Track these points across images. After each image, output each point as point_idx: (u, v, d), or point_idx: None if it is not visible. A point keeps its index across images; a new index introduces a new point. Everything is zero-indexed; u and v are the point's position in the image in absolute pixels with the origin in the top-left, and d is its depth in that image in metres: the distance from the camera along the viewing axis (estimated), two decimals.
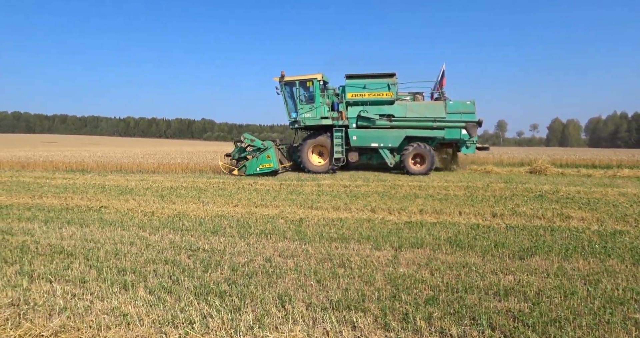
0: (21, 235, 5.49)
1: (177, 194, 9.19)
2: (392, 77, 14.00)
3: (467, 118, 13.57)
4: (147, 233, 5.61)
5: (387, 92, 13.92)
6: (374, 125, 14.06)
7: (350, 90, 14.22)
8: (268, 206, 7.68)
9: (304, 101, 14.42)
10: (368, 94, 14.02)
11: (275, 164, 13.28)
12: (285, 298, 3.38)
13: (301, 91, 14.43)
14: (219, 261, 4.34)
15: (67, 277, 3.85)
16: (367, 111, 14.08)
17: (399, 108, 14.03)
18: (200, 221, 6.36)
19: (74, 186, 10.88)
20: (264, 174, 13.32)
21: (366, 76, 14.20)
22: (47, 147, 46.55)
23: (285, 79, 14.48)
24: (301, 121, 14.41)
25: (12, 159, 17.41)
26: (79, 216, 6.75)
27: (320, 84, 14.28)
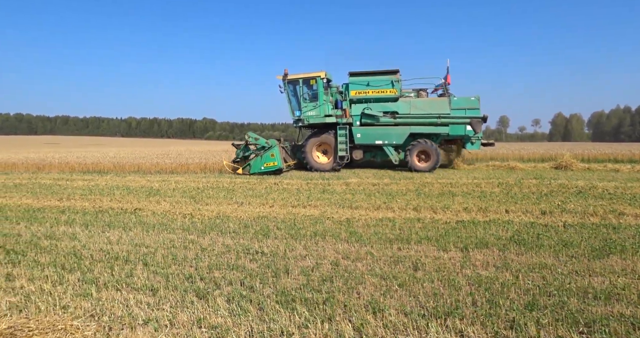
0: (67, 239, 5.30)
1: (207, 195, 9.00)
2: (396, 74, 13.90)
3: (472, 114, 13.45)
4: (196, 236, 5.42)
5: (391, 89, 13.81)
6: (378, 122, 13.93)
7: (354, 87, 14.10)
8: (306, 207, 7.48)
9: (307, 99, 14.29)
10: (372, 92, 13.91)
11: (280, 163, 13.16)
12: (376, 305, 3.18)
13: (304, 89, 14.29)
14: (286, 266, 4.15)
15: (134, 285, 3.66)
16: (371, 108, 13.96)
17: (403, 105, 13.91)
18: (245, 223, 6.17)
19: (98, 187, 10.70)
20: (268, 173, 13.24)
21: (370, 73, 14.09)
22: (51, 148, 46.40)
23: (289, 78, 14.34)
24: (305, 119, 14.28)
25: (27, 161, 17.22)
26: (116, 219, 6.56)
27: (324, 82, 14.14)
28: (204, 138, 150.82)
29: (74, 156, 20.38)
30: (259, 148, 13.61)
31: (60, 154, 22.78)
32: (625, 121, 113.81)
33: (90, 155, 20.73)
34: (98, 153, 23.54)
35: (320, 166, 14.33)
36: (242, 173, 13.50)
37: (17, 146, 57.58)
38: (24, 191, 10.25)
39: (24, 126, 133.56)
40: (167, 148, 36.53)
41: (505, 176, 11.89)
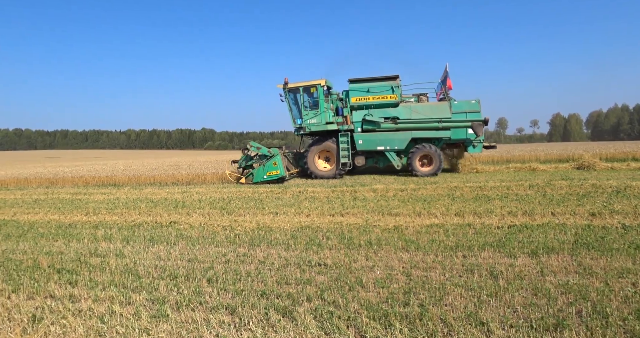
0: (114, 256, 5.11)
1: (236, 205, 8.82)
2: (396, 80, 13.97)
3: (473, 117, 13.51)
4: (246, 249, 5.23)
5: (391, 95, 13.86)
6: (379, 128, 13.99)
7: (354, 94, 14.15)
8: (344, 215, 7.30)
9: (308, 107, 14.38)
10: (372, 98, 13.97)
11: (282, 171, 13.17)
12: (475, 318, 3.00)
13: (305, 97, 14.36)
14: (358, 278, 3.96)
15: (207, 304, 3.47)
16: (372, 114, 14.00)
17: (404, 110, 13.96)
18: (291, 233, 5.99)
19: (120, 201, 10.50)
20: (271, 182, 13.23)
21: (369, 80, 14.16)
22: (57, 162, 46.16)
23: (289, 86, 14.42)
24: (306, 127, 14.33)
25: (39, 176, 17.02)
26: (155, 234, 6.37)
27: (324, 89, 14.21)
28: (204, 148, 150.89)
29: (84, 169, 20.19)
30: (261, 157, 13.64)
31: (70, 168, 22.58)
32: (623, 120, 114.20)
33: (100, 168, 20.53)
34: (107, 166, 23.34)
35: (323, 174, 14.36)
36: (245, 183, 13.47)
37: (18, 162, 57.34)
38: (46, 206, 10.05)
39: (24, 141, 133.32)
40: (172, 158, 36.37)
41: (531, 177, 11.76)
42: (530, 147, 31.69)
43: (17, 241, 6.28)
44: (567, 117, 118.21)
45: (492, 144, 15.09)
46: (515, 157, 16.89)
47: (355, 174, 15.40)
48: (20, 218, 8.52)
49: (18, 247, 5.85)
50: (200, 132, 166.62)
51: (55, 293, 3.84)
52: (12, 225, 7.67)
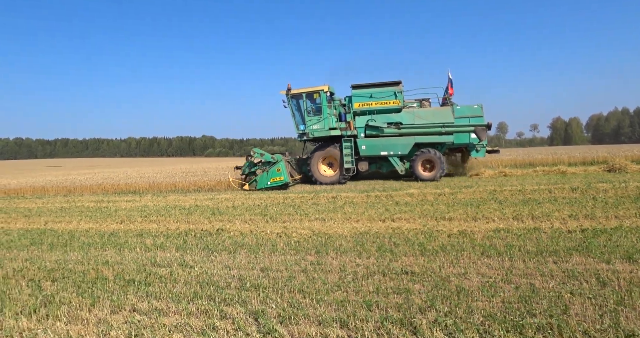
0: (179, 266, 4.85)
1: (276, 211, 8.58)
2: (398, 85, 14.02)
3: (476, 122, 13.55)
4: (316, 257, 4.99)
5: (394, 100, 13.93)
6: (382, 134, 14.02)
7: (357, 100, 14.20)
8: (396, 220, 7.07)
9: (311, 113, 14.40)
10: (375, 103, 14.04)
11: (286, 178, 13.12)
12: (619, 330, 2.77)
13: (308, 103, 14.39)
14: (459, 286, 3.72)
15: (314, 318, 3.23)
16: (375, 119, 14.01)
17: (407, 115, 14.00)
18: (354, 240, 5.75)
19: (148, 208, 10.25)
20: (274, 188, 13.18)
21: (372, 85, 14.19)
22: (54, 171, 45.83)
23: (292, 92, 14.47)
24: (310, 133, 14.35)
25: (55, 184, 16.76)
26: (209, 242, 6.11)
27: (327, 95, 14.26)
28: (204, 155, 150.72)
29: (99, 177, 19.94)
30: (264, 163, 13.62)
31: (84, 176, 22.31)
32: (624, 123, 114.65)
33: (116, 176, 20.28)
34: (118, 173, 23.06)
35: (326, 179, 14.37)
36: (249, 189, 13.42)
37: (21, 171, 57.02)
38: (75, 214, 9.79)
39: (24, 150, 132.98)
40: (181, 165, 36.14)
41: (566, 180, 11.56)
42: (539, 150, 31.58)
43: (64, 251, 6.02)
44: (568, 121, 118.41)
45: (496, 149, 15.19)
46: (537, 160, 16.70)
47: (360, 179, 15.31)
48: (54, 227, 8.26)
49: (69, 257, 5.59)
50: (201, 139, 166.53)
51: (139, 307, 3.59)
52: (50, 235, 7.41)
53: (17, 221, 9.33)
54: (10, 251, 6.22)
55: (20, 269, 5.00)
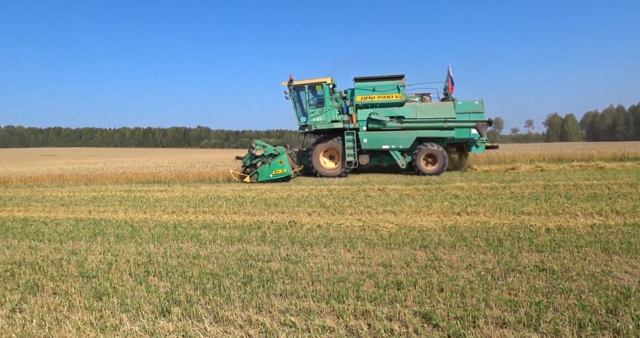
0: (283, 261, 4.50)
1: (335, 203, 8.21)
2: (401, 79, 13.90)
3: (477, 118, 13.58)
4: (425, 252, 4.68)
5: (397, 94, 13.83)
6: (384, 127, 13.92)
7: (360, 93, 14.07)
8: (472, 214, 6.77)
9: (313, 105, 14.20)
10: (377, 97, 13.92)
11: (289, 170, 12.93)
12: None
13: (310, 95, 14.19)
14: (624, 287, 3.45)
15: (491, 319, 2.93)
16: (377, 113, 13.89)
17: (409, 110, 13.91)
18: (451, 234, 5.45)
19: (189, 198, 9.86)
20: (276, 181, 12.98)
21: (375, 79, 14.06)
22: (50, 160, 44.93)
23: (294, 84, 14.26)
24: (312, 126, 14.17)
25: (74, 173, 16.22)
26: (293, 235, 5.75)
27: (330, 87, 14.05)
28: (199, 147, 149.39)
29: (112, 166, 19.39)
30: (266, 156, 13.38)
31: (98, 164, 21.71)
32: (619, 120, 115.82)
33: (127, 165, 19.72)
34: (127, 163, 22.46)
35: (327, 172, 14.24)
36: (250, 182, 13.18)
37: (17, 160, 55.85)
38: (113, 204, 9.34)
39: (16, 138, 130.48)
40: (185, 156, 35.53)
41: (615, 176, 11.38)
42: (539, 146, 31.57)
43: (137, 242, 5.63)
44: (565, 118, 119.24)
45: (495, 144, 15.32)
46: (565, 155, 16.55)
47: (361, 173, 15.21)
48: (103, 216, 7.83)
49: (150, 250, 5.21)
50: (196, 130, 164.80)
51: (284, 306, 3.26)
52: (108, 225, 6.99)
53: (57, 210, 8.89)
54: (77, 242, 5.82)
55: (110, 262, 4.63)
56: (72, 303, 3.45)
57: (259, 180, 13.14)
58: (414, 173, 13.98)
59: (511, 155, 16.78)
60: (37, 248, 5.53)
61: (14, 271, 4.44)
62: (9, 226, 7.19)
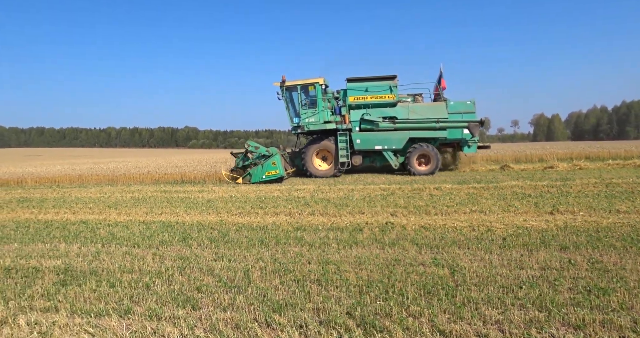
0: (437, 267, 4.16)
1: (407, 203, 7.90)
2: (394, 80, 13.91)
3: (468, 118, 13.66)
4: (520, 253, 4.41)
5: (389, 95, 13.80)
6: (377, 128, 13.88)
7: (352, 93, 13.99)
8: (565, 213, 6.55)
9: (306, 106, 14.09)
10: (370, 97, 13.87)
11: (282, 171, 12.77)
12: None
13: (303, 96, 14.09)
14: None
15: None
16: (370, 114, 13.85)
17: (402, 110, 13.91)
18: (559, 234, 5.19)
19: (238, 199, 9.39)
20: (269, 182, 12.76)
21: (367, 79, 14.03)
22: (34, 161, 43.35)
23: (287, 84, 14.13)
24: (305, 126, 14.07)
25: (96, 174, 15.50)
26: (400, 236, 5.40)
27: (322, 88, 13.97)
28: (187, 147, 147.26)
29: (124, 166, 18.65)
30: (258, 157, 13.20)
31: (103, 165, 20.87)
32: (602, 120, 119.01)
33: (138, 165, 19.00)
34: (134, 163, 21.69)
35: (320, 173, 14.12)
36: (243, 183, 12.90)
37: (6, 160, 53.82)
38: (161, 206, 8.80)
39: None
40: (183, 156, 34.69)
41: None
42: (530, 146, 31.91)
43: (241, 248, 5.20)
44: (551, 118, 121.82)
45: (487, 144, 15.55)
46: (592, 154, 16.64)
47: (353, 173, 15.16)
48: (167, 218, 7.32)
49: (281, 255, 4.79)
50: (184, 130, 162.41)
51: (510, 318, 2.93)
52: (183, 227, 6.49)
53: (107, 212, 8.30)
54: (168, 246, 5.34)
55: (246, 269, 4.20)
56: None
57: (251, 181, 12.92)
58: (407, 173, 13.90)
59: (538, 154, 16.80)
60: (161, 254, 4.98)
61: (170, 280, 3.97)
62: (75, 230, 6.63)
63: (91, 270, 4.40)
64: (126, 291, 3.69)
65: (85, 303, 3.48)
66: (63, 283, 4.00)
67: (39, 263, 4.74)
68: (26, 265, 4.70)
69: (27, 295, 3.73)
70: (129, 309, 3.27)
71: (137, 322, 3.09)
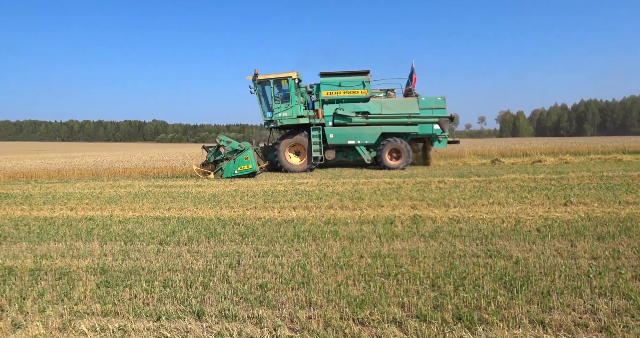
0: (512, 262, 4.17)
1: (441, 196, 7.92)
2: (367, 75, 14.17)
3: (439, 113, 14.07)
4: (605, 243, 4.55)
5: (362, 90, 14.00)
6: (350, 123, 14.09)
7: (325, 88, 14.11)
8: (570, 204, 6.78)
9: (279, 100, 14.11)
10: (343, 92, 14.02)
11: (254, 166, 12.70)
12: None
13: (275, 90, 14.10)
14: None
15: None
16: (343, 108, 14.02)
17: (374, 105, 14.17)
18: (583, 225, 5.36)
19: (243, 193, 9.12)
20: (242, 177, 12.68)
21: (341, 74, 14.20)
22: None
23: (259, 78, 14.04)
24: (278, 121, 14.09)
25: (74, 169, 14.61)
26: (435, 229, 5.39)
27: (295, 82, 14.05)
28: (156, 141, 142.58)
29: (109, 160, 17.74)
30: (230, 152, 13.00)
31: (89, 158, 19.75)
32: (563, 117, 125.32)
33: (130, 159, 18.14)
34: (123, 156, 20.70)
35: (293, 168, 14.17)
36: (214, 178, 12.75)
37: None
38: (181, 199, 8.41)
39: None
40: (166, 150, 33.48)
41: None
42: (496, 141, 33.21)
43: (277, 243, 5.01)
44: (516, 115, 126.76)
45: (456, 140, 16.08)
46: (571, 149, 17.41)
47: (326, 167, 15.31)
48: (179, 214, 6.95)
49: (333, 251, 4.64)
50: (151, 124, 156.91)
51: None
52: (211, 224, 6.17)
53: (109, 208, 7.77)
54: (200, 243, 5.07)
55: (302, 264, 4.04)
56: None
57: (223, 176, 12.73)
58: (380, 168, 14.10)
59: (522, 149, 17.42)
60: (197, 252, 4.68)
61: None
62: (84, 228, 6.16)
63: (129, 269, 4.09)
64: (186, 292, 3.45)
65: (147, 305, 3.22)
66: (107, 284, 3.70)
67: (66, 264, 4.37)
68: (52, 265, 4.32)
69: (73, 298, 3.41)
70: (201, 310, 3.05)
71: (216, 323, 2.89)
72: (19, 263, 4.44)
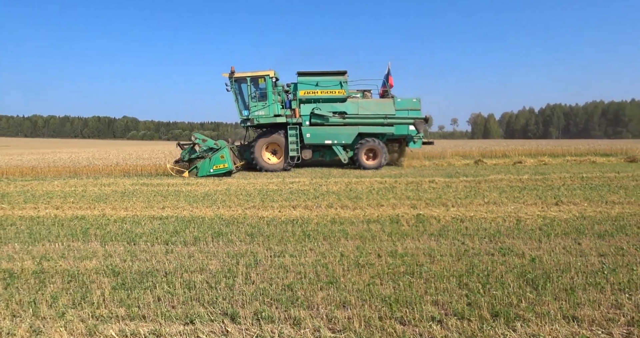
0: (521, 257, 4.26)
1: (456, 196, 8.05)
2: (344, 75, 14.36)
3: (414, 115, 14.36)
4: (607, 242, 4.76)
5: (340, 90, 14.17)
6: (327, 122, 14.24)
7: (303, 87, 14.22)
8: (561, 204, 7.07)
9: (255, 99, 14.10)
10: (320, 92, 14.16)
11: (230, 165, 12.61)
12: None
13: (252, 88, 14.08)
14: None
15: None
16: (320, 108, 14.19)
17: (351, 106, 14.36)
18: (583, 223, 5.60)
19: (235, 192, 8.97)
20: (218, 175, 12.61)
21: (318, 74, 14.35)
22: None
23: (236, 76, 13.99)
24: (254, 119, 14.07)
25: (57, 166, 13.89)
26: (442, 228, 5.48)
27: (273, 80, 14.11)
28: (127, 138, 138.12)
29: (85, 156, 17.00)
30: (206, 150, 12.81)
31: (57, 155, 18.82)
32: (530, 120, 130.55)
33: (107, 156, 17.46)
34: (98, 154, 19.91)
35: (270, 167, 14.15)
36: (189, 176, 12.60)
37: None
38: (176, 198, 8.15)
39: None
40: (133, 147, 32.47)
41: (620, 169, 12.68)
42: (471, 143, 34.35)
43: (288, 242, 4.95)
44: (487, 117, 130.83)
45: (431, 141, 16.56)
46: (546, 150, 18.13)
47: (302, 167, 15.52)
48: (179, 213, 6.75)
49: (351, 251, 4.61)
50: (122, 120, 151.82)
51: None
52: (215, 223, 6.03)
53: (100, 207, 7.47)
54: (207, 243, 4.93)
55: (324, 264, 3.99)
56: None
57: (198, 175, 12.53)
58: (356, 167, 14.33)
59: (502, 150, 17.99)
60: (208, 252, 4.54)
61: None
62: (78, 227, 5.86)
63: (143, 271, 3.93)
64: (213, 293, 3.34)
65: (174, 308, 3.09)
66: (123, 286, 3.53)
67: (71, 265, 4.14)
68: (56, 267, 4.08)
69: (92, 302, 3.23)
70: (234, 312, 2.96)
71: (253, 326, 2.81)
72: (18, 265, 4.17)
